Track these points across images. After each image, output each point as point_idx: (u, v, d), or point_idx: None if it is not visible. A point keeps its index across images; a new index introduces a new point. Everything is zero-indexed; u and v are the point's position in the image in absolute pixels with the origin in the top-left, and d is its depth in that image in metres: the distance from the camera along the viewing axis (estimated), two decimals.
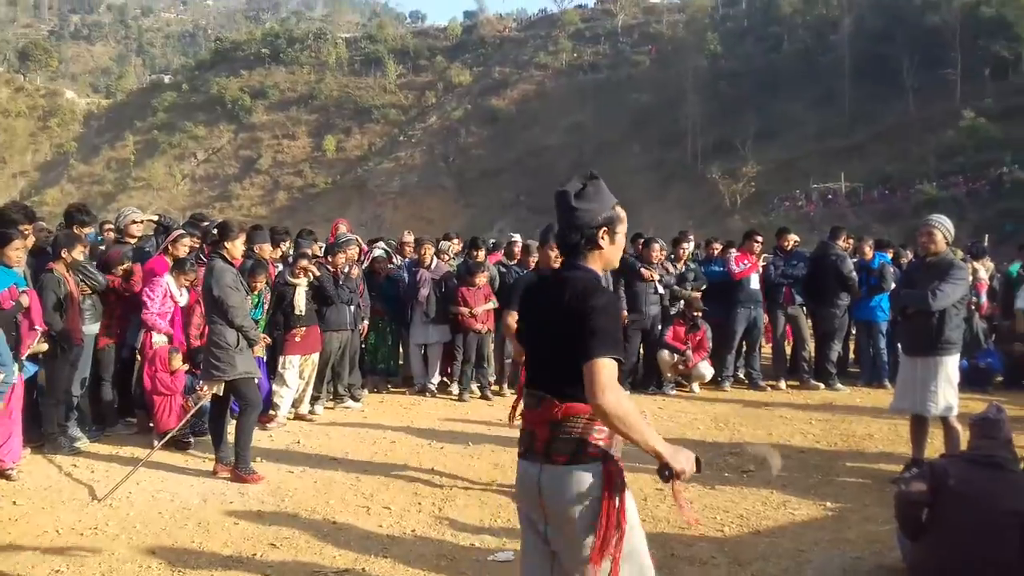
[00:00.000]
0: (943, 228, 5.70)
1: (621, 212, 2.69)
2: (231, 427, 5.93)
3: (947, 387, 5.56)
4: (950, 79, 57.26)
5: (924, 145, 53.41)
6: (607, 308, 2.47)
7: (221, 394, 5.83)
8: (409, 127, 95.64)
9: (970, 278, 7.78)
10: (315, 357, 7.73)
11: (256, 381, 6.06)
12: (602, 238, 2.62)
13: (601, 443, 2.51)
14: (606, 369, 2.36)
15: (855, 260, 9.80)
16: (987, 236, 13.83)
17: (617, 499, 2.46)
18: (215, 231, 6.38)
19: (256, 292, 7.16)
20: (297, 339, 7.43)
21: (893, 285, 9.33)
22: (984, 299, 10.42)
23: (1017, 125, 50.46)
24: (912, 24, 61.25)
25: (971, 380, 8.84)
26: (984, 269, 10.69)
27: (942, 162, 50.60)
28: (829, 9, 75.50)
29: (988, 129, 50.41)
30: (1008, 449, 3.89)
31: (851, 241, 10.40)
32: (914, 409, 5.73)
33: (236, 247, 5.89)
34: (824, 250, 9.63)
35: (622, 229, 2.70)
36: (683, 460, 2.42)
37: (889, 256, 10.18)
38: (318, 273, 7.68)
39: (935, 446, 5.85)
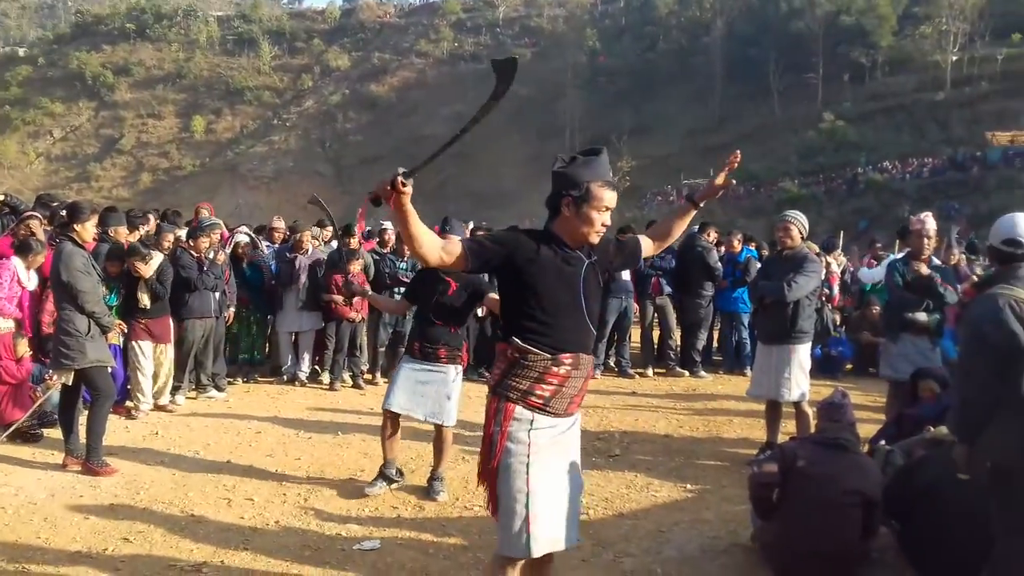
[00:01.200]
0: (798, 223, 5.97)
1: (598, 191, 2.77)
2: (83, 418, 5.61)
3: (800, 374, 5.85)
4: (812, 83, 60.48)
5: (787, 145, 56.31)
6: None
7: (71, 383, 5.50)
8: (284, 110, 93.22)
9: (823, 271, 8.22)
10: (169, 348, 7.38)
11: (110, 370, 5.75)
12: (566, 207, 2.79)
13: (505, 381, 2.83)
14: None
15: (723, 254, 10.18)
16: (842, 232, 14.61)
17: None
18: (64, 212, 6.00)
19: (115, 277, 6.82)
20: (122, 326, 6.90)
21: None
22: (836, 291, 11.03)
23: (872, 128, 53.90)
24: (778, 30, 64.27)
25: (823, 367, 9.37)
26: (836, 263, 11.31)
27: (803, 161, 53.46)
28: (702, 12, 78.20)
29: (846, 131, 53.63)
30: (851, 431, 4.12)
31: (718, 235, 10.80)
32: (769, 395, 6.00)
33: (87, 229, 5.56)
34: (691, 242, 9.96)
35: (590, 208, 2.77)
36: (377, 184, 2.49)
37: (755, 250, 10.63)
38: (146, 275, 6.99)
39: (788, 430, 6.15)
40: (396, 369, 5.30)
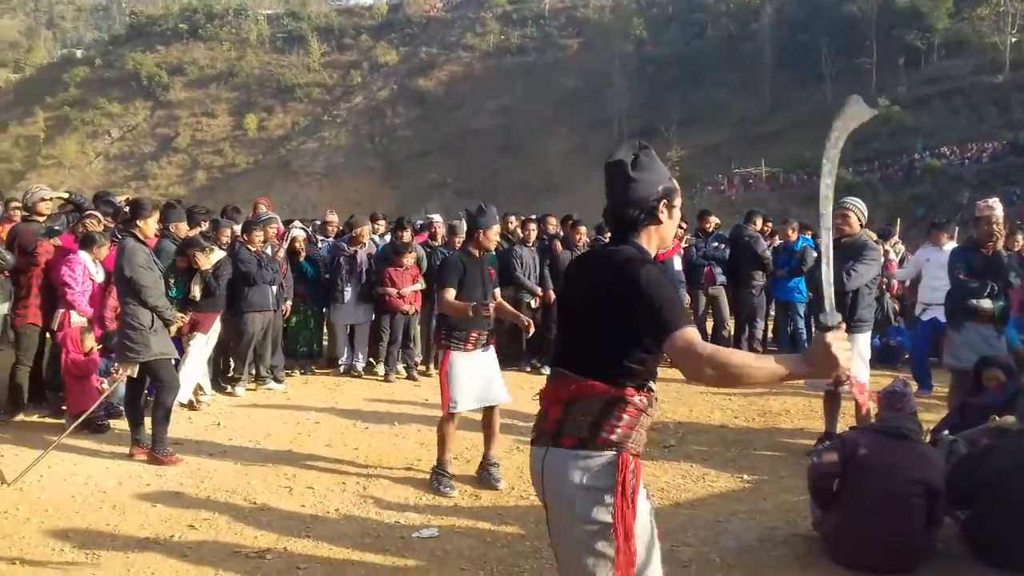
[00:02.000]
0: (857, 210, 5.85)
1: (676, 184, 2.48)
2: (148, 409, 5.77)
3: (859, 363, 5.74)
4: (866, 68, 59.27)
5: None
6: (657, 278, 2.19)
7: (136, 376, 5.66)
8: (334, 107, 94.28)
9: (882, 259, 8.07)
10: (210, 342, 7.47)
11: (173, 362, 5.89)
12: (662, 211, 2.39)
13: (619, 430, 2.25)
14: (691, 337, 2.07)
15: (779, 243, 10.06)
16: (899, 220, 14.28)
17: (631, 498, 2.21)
18: (127, 209, 6.16)
19: (182, 271, 6.98)
20: (185, 320, 6.90)
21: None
22: (895, 280, 10.81)
23: (928, 113, 52.62)
24: (830, 14, 63.09)
25: (882, 357, 9.19)
26: (894, 251, 11.08)
27: (858, 149, 52.33)
28: None
29: (901, 117, 52.43)
30: (913, 420, 4.06)
31: (769, 224, 10.67)
32: (828, 386, 5.91)
33: (149, 226, 5.71)
34: (738, 232, 9.87)
35: (679, 202, 2.47)
36: (828, 362, 1.97)
37: (811, 239, 10.47)
38: (204, 267, 7.05)
39: (848, 420, 6.06)
40: (448, 368, 5.07)
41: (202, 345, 7.22)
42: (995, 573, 3.85)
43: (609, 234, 2.50)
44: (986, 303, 5.84)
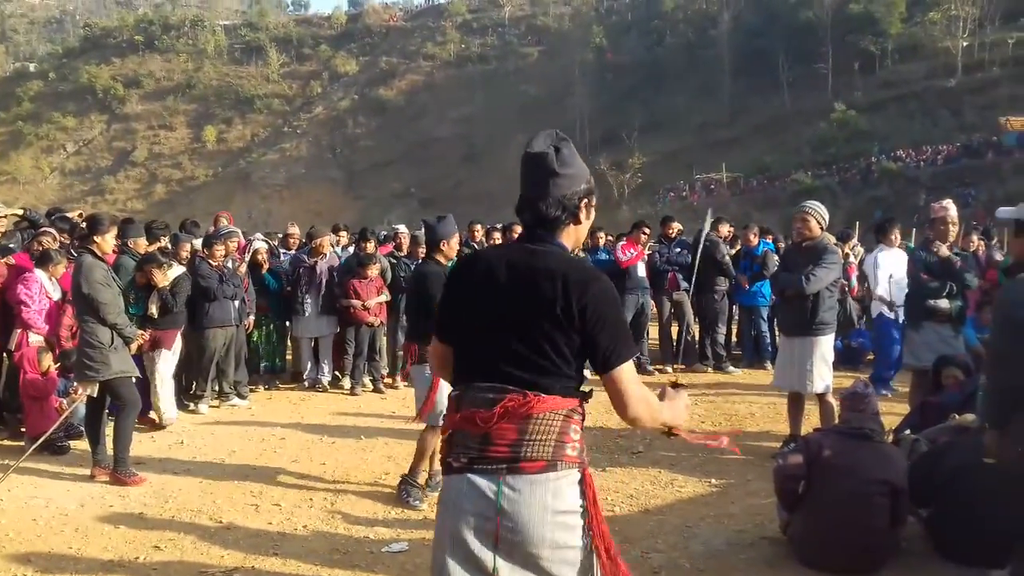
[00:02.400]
0: (817, 214, 5.92)
1: (594, 183, 2.33)
2: (108, 430, 5.66)
3: (823, 366, 5.82)
4: (822, 73, 60.23)
5: (799, 136, 56.14)
6: (610, 296, 2.14)
7: (96, 395, 5.55)
8: (294, 117, 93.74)
9: (842, 262, 8.19)
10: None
11: (134, 380, 5.80)
12: (583, 211, 2.23)
13: (578, 445, 2.13)
14: (631, 374, 2.10)
15: (740, 247, 10.16)
16: (857, 223, 14.54)
17: (599, 516, 2.14)
18: (84, 225, 6.06)
19: (141, 288, 6.88)
20: (145, 337, 6.83)
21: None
22: (855, 281, 10.97)
23: (883, 117, 53.64)
24: (786, 21, 64.08)
25: (844, 358, 9.31)
26: (853, 253, 11.24)
27: (816, 152, 53.27)
28: (709, 4, 78.12)
29: (858, 121, 53.40)
30: (876, 421, 4.11)
31: (731, 229, 10.78)
32: (792, 387, 5.98)
33: (107, 241, 5.61)
34: (700, 238, 9.93)
35: (594, 202, 2.32)
36: (680, 415, 2.27)
37: (772, 243, 10.59)
38: (160, 284, 6.96)
39: (812, 422, 6.13)
40: (425, 381, 4.91)
41: (168, 361, 7.13)
42: (957, 569, 3.92)
43: (521, 230, 2.29)
44: (943, 303, 5.96)
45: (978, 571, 3.80)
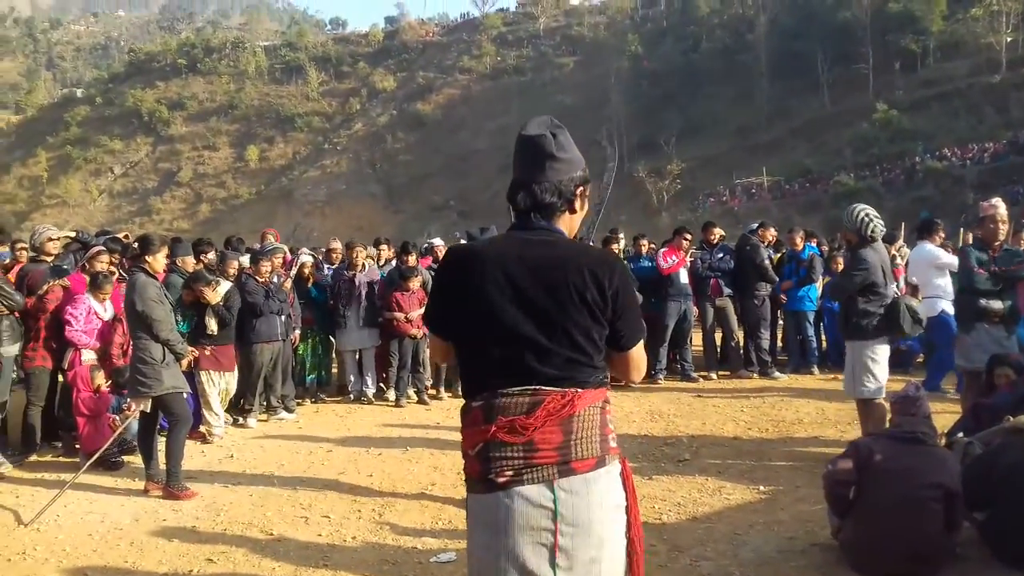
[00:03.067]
0: (849, 221, 5.83)
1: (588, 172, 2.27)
2: (161, 444, 5.78)
3: (865, 371, 5.69)
4: (862, 73, 59.38)
5: (840, 138, 55.33)
6: (629, 277, 2.18)
7: (149, 411, 5.67)
8: (334, 134, 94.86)
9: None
10: (233, 376, 7.58)
11: (185, 396, 5.91)
12: (578, 199, 2.18)
13: (614, 434, 2.09)
14: (640, 348, 2.22)
15: (787, 251, 10.08)
16: (903, 224, 14.25)
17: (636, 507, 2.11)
18: (136, 245, 6.21)
19: (188, 306, 7.03)
20: (195, 353, 6.85)
21: (821, 274, 9.66)
22: (902, 283, 10.78)
23: (927, 116, 52.71)
24: (824, 21, 63.31)
25: (894, 361, 9.13)
26: (900, 255, 11.05)
27: (858, 154, 52.44)
28: (745, 8, 77.48)
29: (900, 121, 52.51)
30: (927, 424, 4.04)
31: (774, 233, 10.68)
32: (847, 392, 5.89)
33: (158, 260, 5.74)
34: (743, 242, 9.88)
35: (588, 192, 2.26)
36: None
37: (816, 247, 10.48)
38: (213, 301, 7.15)
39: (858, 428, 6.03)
40: None
41: (231, 379, 7.41)
42: (1016, 574, 3.83)
43: (515, 216, 2.20)
44: (996, 303, 5.83)
45: None
